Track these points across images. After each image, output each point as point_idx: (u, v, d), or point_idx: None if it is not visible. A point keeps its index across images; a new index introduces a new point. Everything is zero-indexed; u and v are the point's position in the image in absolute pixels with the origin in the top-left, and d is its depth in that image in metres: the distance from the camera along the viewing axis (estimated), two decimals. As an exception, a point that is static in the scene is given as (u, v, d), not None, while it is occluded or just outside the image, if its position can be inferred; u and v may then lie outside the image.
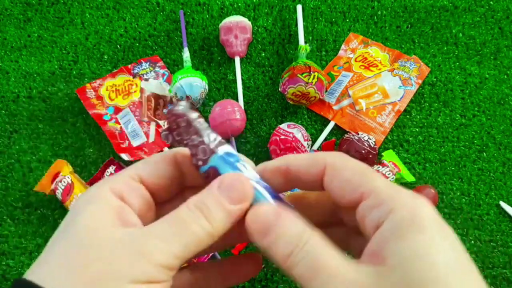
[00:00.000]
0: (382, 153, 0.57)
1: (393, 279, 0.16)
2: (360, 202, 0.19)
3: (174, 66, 0.66)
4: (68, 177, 0.54)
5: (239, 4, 0.69)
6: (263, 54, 0.66)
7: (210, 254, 0.50)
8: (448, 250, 0.16)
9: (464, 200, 0.56)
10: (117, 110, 0.61)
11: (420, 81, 0.62)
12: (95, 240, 0.18)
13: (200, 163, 0.21)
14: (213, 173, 0.21)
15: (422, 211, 0.17)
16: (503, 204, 0.56)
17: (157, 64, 0.65)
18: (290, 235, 0.18)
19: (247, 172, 0.21)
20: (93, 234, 0.18)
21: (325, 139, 0.60)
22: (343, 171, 0.20)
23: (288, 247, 0.18)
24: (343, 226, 0.23)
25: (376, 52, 0.65)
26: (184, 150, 0.23)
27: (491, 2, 0.69)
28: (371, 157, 0.54)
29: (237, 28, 0.64)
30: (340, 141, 0.58)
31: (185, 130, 0.22)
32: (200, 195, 0.20)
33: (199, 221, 0.19)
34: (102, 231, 0.18)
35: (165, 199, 0.23)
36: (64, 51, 0.66)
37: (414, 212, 0.17)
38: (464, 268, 0.16)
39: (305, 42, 0.65)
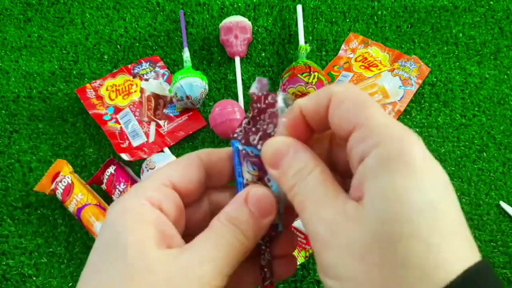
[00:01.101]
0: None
1: (367, 217, 0.16)
2: (352, 132, 0.18)
3: (174, 66, 0.66)
4: (68, 177, 0.54)
5: (239, 4, 0.69)
6: (263, 54, 0.66)
7: None
8: (429, 190, 0.15)
9: (464, 200, 0.56)
10: (117, 110, 0.61)
11: (420, 81, 0.62)
12: (145, 266, 0.17)
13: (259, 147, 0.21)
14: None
15: (409, 147, 0.16)
16: (503, 204, 0.56)
17: (157, 64, 0.65)
18: (297, 167, 0.19)
19: None
20: (141, 260, 0.17)
21: (325, 139, 0.60)
22: (345, 100, 0.18)
23: (294, 179, 0.19)
24: (336, 169, 0.22)
25: (376, 52, 0.65)
26: (208, 151, 0.23)
27: (491, 2, 0.69)
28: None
29: (237, 28, 0.64)
30: (340, 141, 0.58)
31: (271, 115, 0.21)
32: (231, 210, 0.20)
33: (238, 236, 0.20)
34: (150, 254, 0.18)
35: (192, 202, 0.23)
36: (64, 51, 0.66)
37: (400, 149, 0.16)
38: (443, 210, 0.15)
39: (305, 42, 0.65)
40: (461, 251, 0.15)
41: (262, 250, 0.22)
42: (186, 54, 0.63)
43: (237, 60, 0.63)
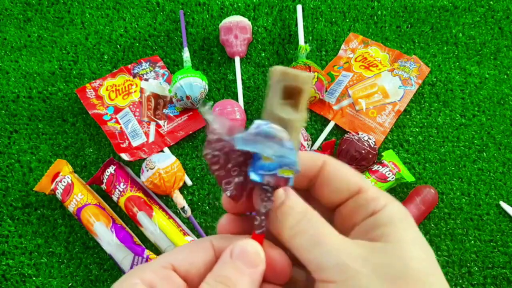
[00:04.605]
0: (382, 153, 0.57)
1: (386, 253, 0.19)
2: (352, 196, 0.21)
3: (174, 66, 0.66)
4: (68, 177, 0.54)
5: (239, 4, 0.69)
6: (263, 54, 0.66)
7: None
8: (423, 240, 0.20)
9: (464, 200, 0.56)
10: (117, 110, 0.61)
11: (420, 81, 0.62)
12: None
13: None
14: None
15: (405, 210, 0.21)
16: (503, 204, 0.56)
17: (157, 64, 0.65)
18: (297, 210, 0.20)
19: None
20: None
21: (325, 139, 0.60)
22: (342, 169, 0.22)
23: (295, 218, 0.20)
24: None
25: (376, 52, 0.65)
26: (222, 236, 0.22)
27: (491, 2, 0.69)
28: (371, 157, 0.54)
29: (237, 28, 0.64)
30: (340, 141, 0.58)
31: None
32: (217, 269, 0.20)
33: None
34: None
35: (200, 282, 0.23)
36: (64, 51, 0.66)
37: (402, 211, 0.21)
38: (435, 264, 0.20)
39: (305, 42, 0.65)
40: None
41: (266, 197, 0.20)
42: (186, 54, 0.63)
43: (237, 60, 0.63)
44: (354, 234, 0.21)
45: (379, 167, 0.55)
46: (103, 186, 0.55)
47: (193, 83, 0.58)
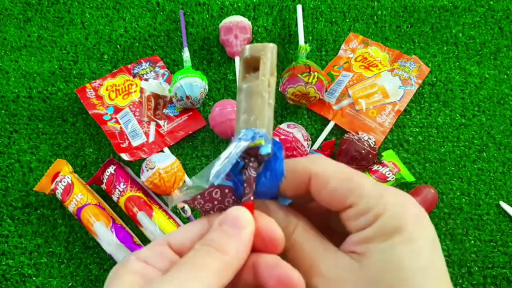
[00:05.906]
0: (382, 153, 0.57)
1: (367, 274, 0.18)
2: (343, 210, 0.20)
3: (174, 66, 0.66)
4: (68, 177, 0.54)
5: (239, 4, 0.69)
6: (263, 54, 0.66)
7: None
8: (424, 257, 0.18)
9: (464, 200, 0.56)
10: (117, 110, 0.61)
11: (420, 81, 0.62)
12: None
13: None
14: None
15: (405, 215, 0.19)
16: (503, 204, 0.56)
17: (157, 64, 0.65)
18: (281, 226, 0.21)
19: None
20: None
21: (325, 139, 0.60)
22: (329, 180, 0.20)
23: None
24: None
25: (376, 52, 0.65)
26: (216, 213, 0.23)
27: (491, 2, 0.69)
28: (371, 157, 0.54)
29: (237, 28, 0.64)
30: (340, 141, 0.58)
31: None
32: (205, 236, 0.20)
33: (212, 254, 0.19)
34: None
35: None
36: (64, 51, 0.66)
37: (398, 218, 0.19)
38: (437, 275, 0.18)
39: (305, 42, 0.65)
40: None
41: (245, 164, 0.21)
42: (186, 54, 0.63)
43: (237, 60, 0.63)
44: (347, 242, 0.21)
45: (379, 167, 0.55)
46: (103, 186, 0.55)
47: (193, 83, 0.58)
